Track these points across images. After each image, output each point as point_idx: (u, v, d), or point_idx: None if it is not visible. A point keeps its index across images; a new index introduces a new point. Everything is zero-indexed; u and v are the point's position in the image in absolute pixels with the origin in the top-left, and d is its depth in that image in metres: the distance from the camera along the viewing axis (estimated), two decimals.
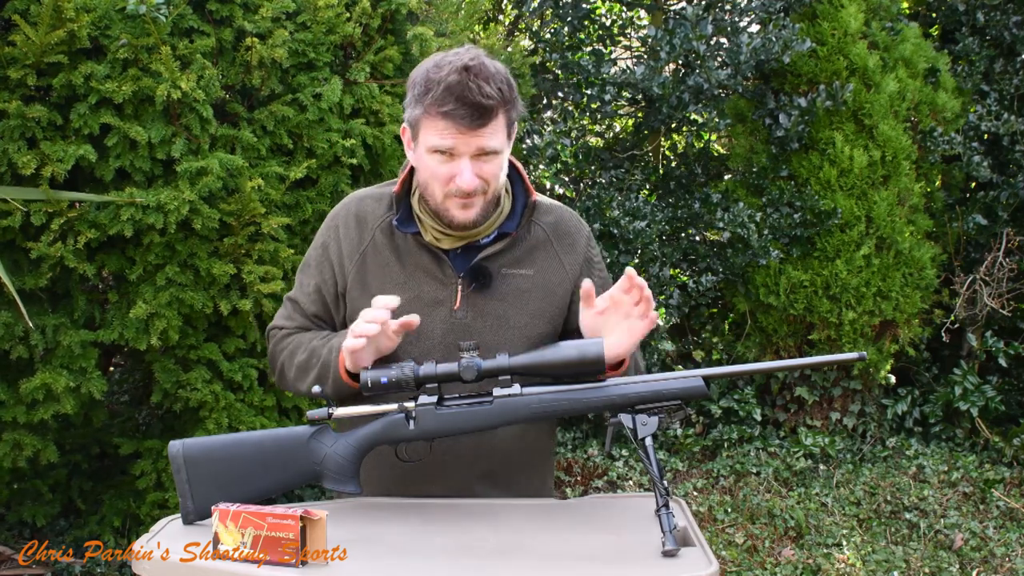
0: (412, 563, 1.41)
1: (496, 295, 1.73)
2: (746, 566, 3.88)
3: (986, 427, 4.91)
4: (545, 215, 1.81)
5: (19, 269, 2.83)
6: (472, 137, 1.61)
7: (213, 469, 1.57)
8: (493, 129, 1.62)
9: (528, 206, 1.77)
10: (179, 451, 1.58)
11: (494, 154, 1.64)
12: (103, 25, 2.77)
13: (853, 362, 1.54)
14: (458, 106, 1.58)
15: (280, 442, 1.59)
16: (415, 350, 1.71)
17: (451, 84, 1.58)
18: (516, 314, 1.74)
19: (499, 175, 1.68)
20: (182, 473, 1.57)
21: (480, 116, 1.59)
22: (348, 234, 1.78)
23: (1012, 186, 5.05)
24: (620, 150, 5.28)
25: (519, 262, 1.76)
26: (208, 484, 1.56)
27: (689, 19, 4.45)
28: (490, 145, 1.62)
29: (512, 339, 1.72)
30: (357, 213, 1.79)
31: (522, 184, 1.79)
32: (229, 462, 1.58)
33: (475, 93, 1.58)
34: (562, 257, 1.78)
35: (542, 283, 1.76)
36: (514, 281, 1.74)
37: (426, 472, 1.71)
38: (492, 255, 1.74)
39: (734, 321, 5.22)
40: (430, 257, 1.74)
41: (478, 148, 1.62)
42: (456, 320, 1.72)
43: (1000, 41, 5.17)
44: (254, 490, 1.57)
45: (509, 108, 1.64)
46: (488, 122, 1.60)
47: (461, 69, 1.59)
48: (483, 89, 1.58)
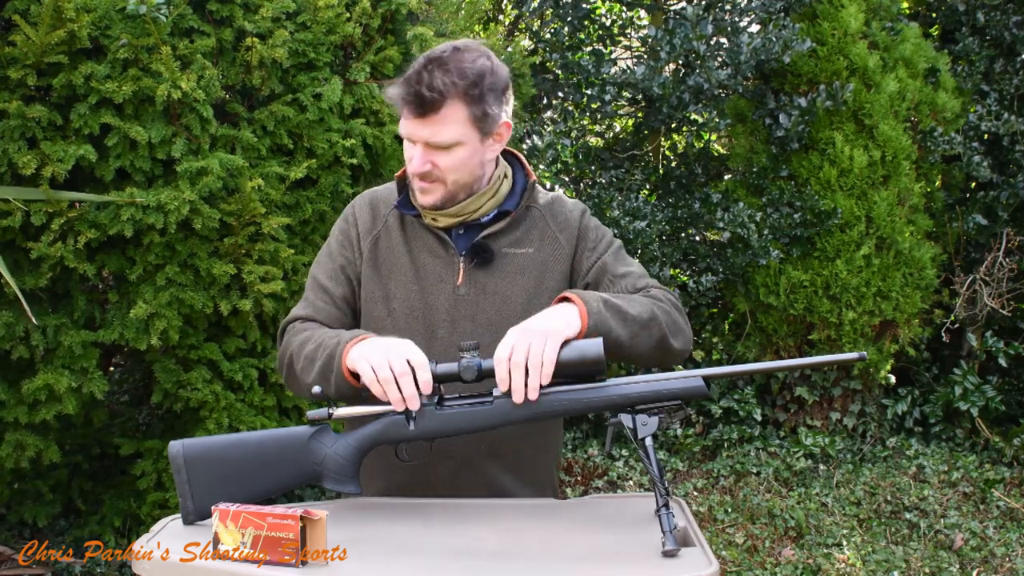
0: (412, 563, 1.41)
1: (497, 273, 1.77)
2: (746, 566, 3.88)
3: (986, 427, 4.91)
4: (543, 199, 1.86)
5: (19, 269, 2.83)
6: (419, 127, 1.65)
7: (213, 469, 1.57)
8: (442, 121, 1.64)
9: (527, 186, 1.82)
10: (179, 451, 1.58)
11: (447, 147, 1.66)
12: (103, 25, 2.77)
13: (853, 362, 1.53)
14: (408, 94, 1.63)
15: (280, 442, 1.59)
16: (420, 326, 1.76)
17: (410, 73, 1.64)
18: (517, 291, 1.77)
19: (459, 167, 1.69)
20: (182, 473, 1.57)
21: (421, 106, 1.62)
22: (363, 218, 1.84)
23: (1012, 186, 5.05)
24: (620, 150, 5.28)
25: (519, 242, 1.80)
26: (208, 484, 1.56)
27: (689, 19, 4.45)
28: (437, 138, 1.65)
29: (513, 315, 1.74)
30: (371, 201, 1.86)
31: (522, 168, 1.85)
32: (229, 462, 1.58)
33: (422, 84, 1.61)
34: (558, 234, 1.82)
35: (541, 260, 1.79)
36: (515, 259, 1.78)
37: (434, 454, 1.71)
38: (493, 234, 1.78)
39: (734, 321, 5.23)
40: (434, 237, 1.79)
41: (424, 138, 1.66)
42: (459, 296, 1.76)
43: (1000, 41, 5.17)
44: (254, 490, 1.57)
45: (469, 101, 1.64)
46: (431, 114, 1.63)
47: (429, 58, 1.64)
48: (432, 81, 1.61)
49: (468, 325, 1.76)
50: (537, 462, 1.85)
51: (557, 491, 2.00)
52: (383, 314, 1.79)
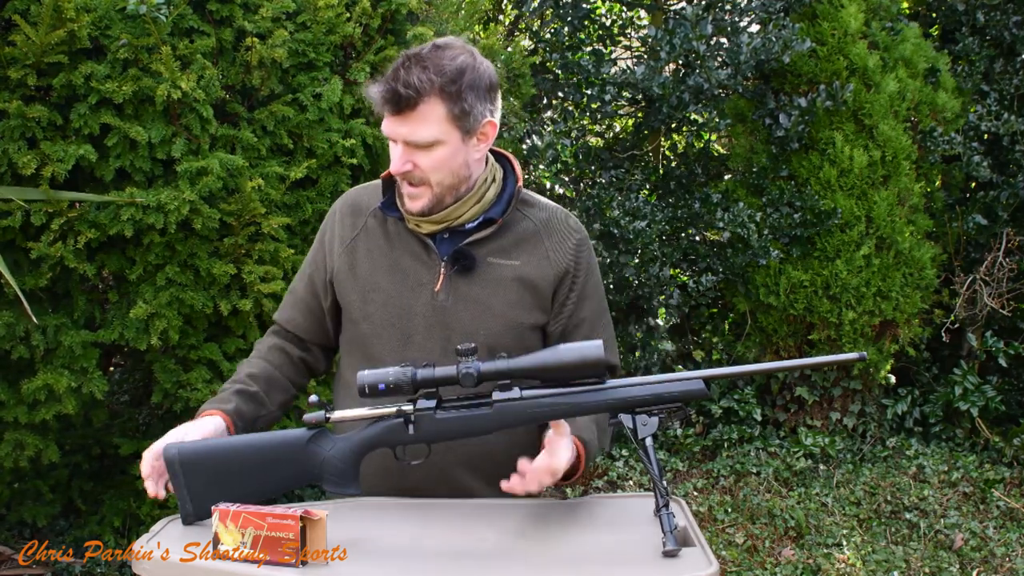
0: (412, 563, 1.41)
1: (478, 281, 1.74)
2: (746, 566, 3.88)
3: (986, 427, 4.91)
4: (539, 211, 1.81)
5: (19, 269, 2.83)
6: (397, 125, 1.63)
7: (210, 472, 1.56)
8: (420, 119, 1.61)
9: (514, 193, 1.77)
10: (175, 456, 1.57)
11: (426, 146, 1.63)
12: (103, 25, 2.77)
13: (853, 362, 1.53)
14: (386, 91, 1.61)
15: (278, 445, 1.58)
16: (397, 332, 1.74)
17: (390, 70, 1.63)
18: (497, 302, 1.74)
19: (441, 168, 1.66)
20: (179, 478, 1.56)
21: (398, 104, 1.60)
22: (343, 222, 1.83)
23: (1012, 186, 5.05)
24: (620, 150, 5.28)
25: (506, 252, 1.75)
26: (206, 487, 1.55)
27: (689, 19, 4.45)
28: (414, 136, 1.63)
29: (491, 326, 1.73)
30: (353, 203, 1.84)
31: (512, 173, 1.80)
32: (227, 465, 1.56)
33: (399, 81, 1.59)
34: (550, 253, 1.78)
35: (526, 275, 1.75)
36: (499, 270, 1.74)
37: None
38: (477, 241, 1.74)
39: (734, 321, 5.22)
40: (417, 241, 1.76)
41: (402, 136, 1.64)
42: (437, 303, 1.73)
43: (1000, 41, 5.17)
44: (252, 492, 1.56)
45: (450, 98, 1.61)
46: (407, 111, 1.61)
47: (408, 56, 1.63)
48: (409, 78, 1.59)
49: (443, 332, 1.73)
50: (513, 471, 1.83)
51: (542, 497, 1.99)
52: (359, 317, 1.78)
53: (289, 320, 1.91)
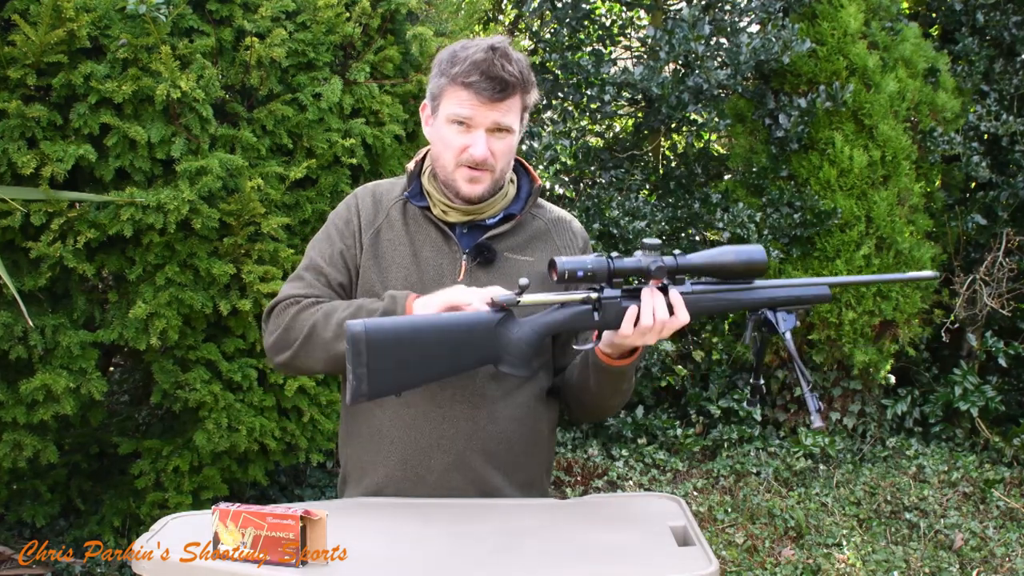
0: (412, 563, 1.41)
1: (497, 275, 1.80)
2: (746, 566, 3.88)
3: (986, 427, 4.91)
4: (549, 212, 1.93)
5: (19, 269, 2.83)
6: (490, 110, 1.72)
7: (394, 352, 1.56)
8: (510, 106, 1.74)
9: (533, 191, 1.88)
10: (361, 331, 1.54)
11: (507, 131, 1.75)
12: (103, 25, 2.77)
13: (927, 279, 1.84)
14: (481, 78, 1.70)
15: (469, 327, 1.61)
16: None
17: (477, 59, 1.71)
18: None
19: (508, 155, 1.78)
20: (361, 355, 1.54)
21: (501, 90, 1.71)
22: (366, 208, 1.87)
23: (1012, 186, 5.06)
24: (620, 150, 5.28)
25: (521, 248, 1.85)
26: (387, 367, 1.55)
27: (686, 20, 4.45)
28: (505, 121, 1.74)
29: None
30: (373, 193, 1.90)
31: (527, 173, 1.91)
32: (413, 345, 1.57)
33: (498, 68, 1.71)
34: (560, 251, 1.88)
35: (540, 270, 1.82)
36: (516, 265, 1.83)
37: (427, 446, 1.75)
38: (497, 236, 1.83)
39: (734, 321, 5.22)
40: (438, 233, 1.83)
41: (494, 122, 1.73)
42: None
43: (1000, 41, 5.17)
44: (429, 374, 1.59)
45: (526, 92, 1.77)
46: (506, 98, 1.72)
47: (488, 48, 1.73)
48: (506, 67, 1.71)
49: None
50: (530, 464, 1.85)
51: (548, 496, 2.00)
52: None
53: (312, 292, 1.81)
